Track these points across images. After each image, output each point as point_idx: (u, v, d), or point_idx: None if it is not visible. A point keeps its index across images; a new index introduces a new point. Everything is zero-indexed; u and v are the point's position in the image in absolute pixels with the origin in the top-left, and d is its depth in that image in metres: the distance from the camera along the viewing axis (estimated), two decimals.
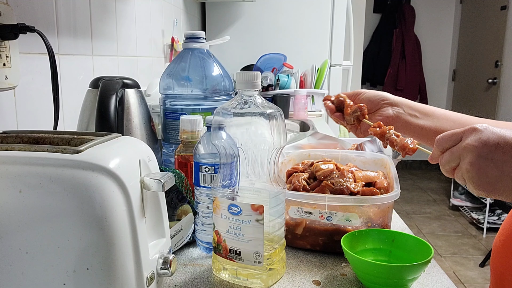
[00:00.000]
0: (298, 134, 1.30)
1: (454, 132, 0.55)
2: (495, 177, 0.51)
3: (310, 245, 0.73)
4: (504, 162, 0.50)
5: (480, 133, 0.52)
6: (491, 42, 4.18)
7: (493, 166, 0.51)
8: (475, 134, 0.52)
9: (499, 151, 0.51)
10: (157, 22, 1.57)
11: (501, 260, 0.73)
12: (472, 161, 0.52)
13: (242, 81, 0.60)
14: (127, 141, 0.52)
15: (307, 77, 1.92)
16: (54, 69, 0.73)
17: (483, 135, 0.52)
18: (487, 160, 0.51)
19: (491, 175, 0.51)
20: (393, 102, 0.77)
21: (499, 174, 0.51)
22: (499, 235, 0.75)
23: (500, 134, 0.51)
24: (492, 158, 0.51)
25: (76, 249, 0.42)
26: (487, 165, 0.51)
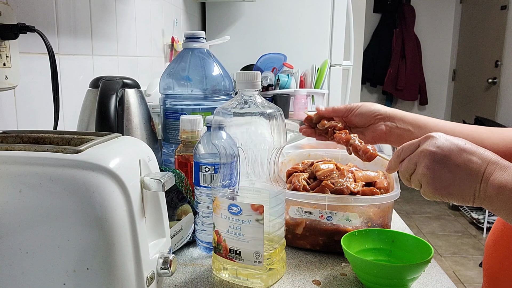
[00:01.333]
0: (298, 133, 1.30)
1: (412, 142, 0.60)
2: (448, 180, 0.55)
3: (310, 245, 0.73)
4: (456, 166, 0.54)
5: (435, 139, 0.57)
6: (491, 42, 4.18)
7: (447, 170, 0.55)
8: (431, 140, 0.57)
9: (452, 156, 0.55)
10: (157, 22, 1.57)
11: (493, 259, 0.74)
12: (428, 165, 0.56)
13: (242, 81, 0.60)
14: (127, 141, 0.52)
15: (307, 77, 1.92)
16: (54, 69, 0.72)
17: (438, 141, 0.56)
18: (442, 165, 0.55)
19: (445, 179, 0.55)
20: (385, 116, 0.78)
21: (452, 177, 0.54)
22: (491, 234, 0.76)
23: (454, 141, 0.56)
24: (446, 163, 0.55)
25: (76, 249, 0.42)
26: (442, 169, 0.55)
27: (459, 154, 0.55)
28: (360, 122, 0.78)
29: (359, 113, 0.79)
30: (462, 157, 0.54)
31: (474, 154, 0.54)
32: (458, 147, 0.55)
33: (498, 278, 0.72)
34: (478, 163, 0.54)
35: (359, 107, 0.79)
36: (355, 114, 0.79)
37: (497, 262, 0.73)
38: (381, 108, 0.79)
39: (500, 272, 0.72)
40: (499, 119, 3.97)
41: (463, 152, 0.55)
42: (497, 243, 0.73)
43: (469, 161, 0.54)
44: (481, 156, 0.54)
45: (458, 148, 0.55)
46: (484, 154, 0.54)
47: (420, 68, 4.88)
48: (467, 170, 0.54)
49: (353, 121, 0.79)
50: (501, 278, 0.71)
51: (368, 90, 5.07)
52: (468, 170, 0.54)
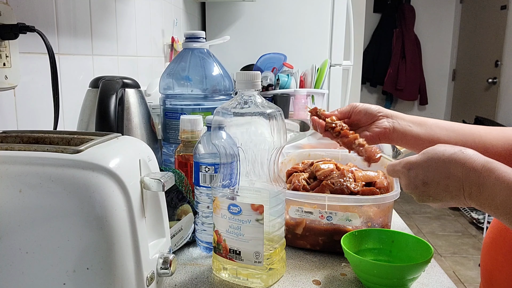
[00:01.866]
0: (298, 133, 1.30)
1: (393, 170, 0.63)
2: (439, 204, 0.60)
3: (310, 245, 0.73)
4: (437, 194, 0.58)
5: (406, 177, 0.60)
6: (491, 41, 4.18)
7: (432, 199, 0.59)
8: (404, 179, 0.61)
9: (430, 188, 0.58)
10: (157, 22, 1.57)
11: (490, 258, 0.74)
12: (416, 198, 0.61)
13: (242, 80, 0.60)
14: (127, 140, 0.52)
15: (307, 76, 1.92)
16: (54, 69, 0.72)
17: (410, 178, 0.60)
18: (425, 197, 0.59)
19: (436, 204, 0.60)
20: (388, 114, 0.79)
21: (440, 203, 0.59)
22: (488, 233, 0.76)
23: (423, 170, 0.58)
24: (428, 195, 0.59)
25: (76, 249, 0.42)
26: (428, 199, 0.59)
27: (436, 184, 0.57)
28: (363, 118, 0.78)
29: (363, 109, 0.79)
30: (439, 186, 0.57)
31: (448, 177, 0.56)
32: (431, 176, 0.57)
33: (494, 276, 0.72)
34: (455, 186, 0.56)
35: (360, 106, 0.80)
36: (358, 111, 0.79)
37: (492, 260, 0.73)
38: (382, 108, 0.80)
39: (496, 270, 0.72)
40: (499, 119, 3.96)
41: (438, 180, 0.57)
42: (493, 242, 0.74)
43: (446, 187, 0.56)
44: (455, 178, 0.56)
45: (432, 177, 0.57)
46: (457, 173, 0.56)
47: (420, 68, 4.88)
48: (449, 195, 0.57)
49: (357, 119, 0.79)
50: (497, 276, 0.71)
51: (368, 90, 5.07)
52: (450, 195, 0.57)
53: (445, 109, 5.09)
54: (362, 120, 0.78)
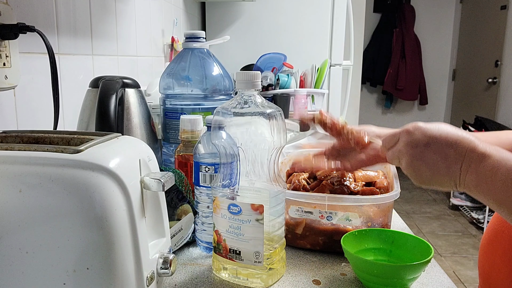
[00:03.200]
0: (298, 133, 1.30)
1: (393, 134, 0.61)
2: (428, 175, 0.56)
3: (310, 244, 0.73)
4: (434, 161, 0.55)
5: (411, 135, 0.57)
6: (491, 41, 4.18)
7: (425, 166, 0.56)
8: (407, 136, 0.57)
9: (429, 152, 0.55)
10: (157, 22, 1.57)
11: (487, 258, 0.74)
12: (408, 162, 0.57)
13: (242, 80, 0.60)
14: (127, 140, 0.52)
15: (307, 76, 1.92)
16: (54, 69, 0.72)
17: (414, 137, 0.57)
18: (420, 161, 0.56)
19: (425, 174, 0.56)
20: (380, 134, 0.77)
21: (431, 173, 0.56)
22: (485, 234, 0.76)
23: (430, 134, 0.56)
24: (423, 159, 0.56)
25: (76, 248, 0.42)
26: (420, 165, 0.56)
27: (436, 148, 0.55)
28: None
29: None
30: (439, 151, 0.55)
31: (452, 145, 0.54)
32: (435, 140, 0.55)
33: (491, 277, 0.72)
34: (455, 156, 0.54)
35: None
36: None
37: (489, 262, 0.73)
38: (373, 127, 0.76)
39: (493, 271, 0.72)
40: (499, 119, 3.97)
41: (440, 145, 0.55)
42: (490, 244, 0.74)
43: (446, 155, 0.54)
44: (459, 147, 0.54)
45: (435, 142, 0.55)
46: (462, 144, 0.54)
47: (420, 68, 4.88)
48: (445, 164, 0.54)
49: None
50: (494, 278, 0.71)
51: (368, 90, 5.07)
52: (446, 165, 0.54)
53: (445, 109, 5.09)
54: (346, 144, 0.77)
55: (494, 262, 0.71)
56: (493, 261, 0.72)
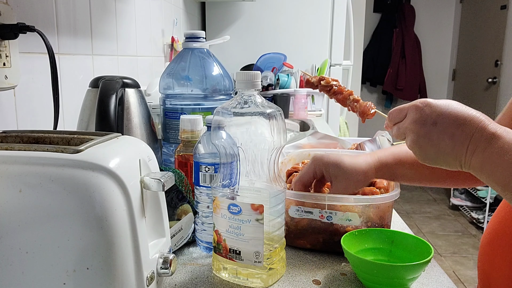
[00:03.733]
0: (298, 133, 1.30)
1: (401, 108, 0.59)
2: (433, 154, 0.55)
3: (310, 244, 0.73)
4: (440, 140, 0.53)
5: (420, 111, 0.55)
6: (491, 41, 4.18)
7: (431, 144, 0.54)
8: (416, 113, 0.56)
9: (436, 130, 0.54)
10: (157, 22, 1.57)
11: (487, 259, 0.74)
12: (413, 139, 0.56)
13: (242, 80, 0.60)
14: (127, 140, 0.52)
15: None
16: (54, 69, 0.72)
17: (422, 113, 0.55)
18: (426, 139, 0.54)
19: (430, 152, 0.55)
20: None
21: (436, 151, 0.54)
22: (485, 234, 0.76)
23: (439, 111, 0.54)
24: (430, 137, 0.54)
25: (76, 248, 0.42)
26: (426, 143, 0.54)
27: (444, 127, 0.54)
28: None
29: None
30: (446, 131, 0.53)
31: (460, 126, 0.53)
32: (443, 117, 0.54)
33: (491, 277, 0.72)
34: (462, 137, 0.52)
35: None
36: None
37: (489, 262, 0.73)
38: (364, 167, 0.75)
39: (493, 272, 0.72)
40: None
41: (448, 124, 0.53)
42: (490, 244, 0.74)
43: (453, 135, 0.53)
44: (467, 126, 0.53)
45: (444, 120, 0.54)
46: (471, 123, 0.53)
47: (420, 67, 4.88)
48: (451, 145, 0.53)
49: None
50: (494, 277, 0.71)
51: (368, 90, 5.07)
52: (452, 145, 0.53)
53: None
54: None
55: (494, 262, 0.71)
56: (493, 261, 0.72)
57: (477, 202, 3.61)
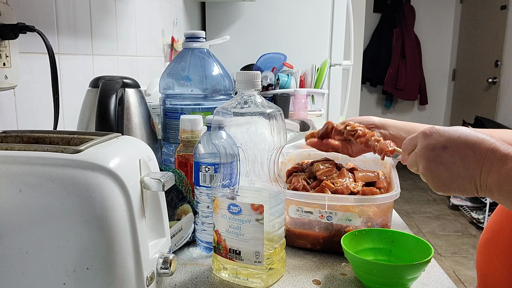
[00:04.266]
0: (298, 133, 1.30)
1: (412, 137, 0.59)
2: (447, 178, 0.54)
3: (310, 244, 0.73)
4: (452, 163, 0.53)
5: (429, 138, 0.56)
6: (491, 41, 4.18)
7: (443, 168, 0.54)
8: (425, 139, 0.56)
9: (447, 154, 0.54)
10: (157, 22, 1.57)
11: (485, 258, 0.74)
12: (424, 166, 0.56)
13: (242, 80, 0.60)
14: (127, 140, 0.52)
15: (307, 76, 1.92)
16: (54, 69, 0.72)
17: (431, 140, 0.55)
18: (437, 163, 0.54)
19: (443, 177, 0.54)
20: (379, 125, 0.82)
21: (449, 175, 0.54)
22: (483, 233, 0.76)
23: (448, 136, 0.54)
24: (441, 161, 0.54)
25: (76, 248, 0.42)
26: (438, 168, 0.54)
27: (455, 150, 0.53)
28: None
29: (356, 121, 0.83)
30: (458, 153, 0.53)
31: (471, 147, 0.52)
32: (453, 141, 0.53)
33: (489, 277, 0.72)
34: (475, 157, 0.52)
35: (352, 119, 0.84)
36: None
37: (487, 262, 0.73)
38: (374, 119, 0.83)
39: (491, 272, 0.72)
40: (499, 119, 3.97)
41: (458, 147, 0.53)
42: (487, 244, 0.74)
43: (465, 156, 0.52)
44: (479, 148, 0.52)
45: (453, 143, 0.53)
46: (482, 146, 0.52)
47: (420, 67, 4.88)
48: (464, 166, 0.52)
49: None
50: (492, 276, 0.71)
51: (368, 90, 5.07)
52: (465, 166, 0.52)
53: (445, 109, 5.09)
54: None
55: (492, 261, 0.71)
56: (491, 261, 0.72)
57: (477, 202, 3.61)
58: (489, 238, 0.73)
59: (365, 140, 0.77)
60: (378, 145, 0.74)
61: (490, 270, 0.72)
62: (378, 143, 0.75)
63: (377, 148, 0.75)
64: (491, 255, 0.72)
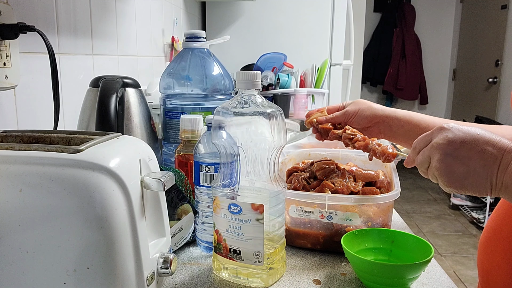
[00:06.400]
0: (298, 133, 1.30)
1: (426, 134, 0.58)
2: (462, 173, 0.53)
3: (310, 244, 0.73)
4: (469, 158, 0.52)
5: (447, 131, 0.55)
6: (491, 41, 4.17)
7: (460, 163, 0.53)
8: (442, 133, 0.55)
9: (464, 148, 0.52)
10: (157, 22, 1.57)
11: (486, 257, 0.74)
12: (440, 158, 0.54)
13: (242, 80, 0.60)
14: (127, 140, 0.52)
15: (307, 76, 1.92)
16: (54, 69, 0.72)
17: (449, 133, 0.54)
18: (454, 158, 0.53)
19: (458, 172, 0.53)
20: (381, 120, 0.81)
21: (465, 170, 0.52)
22: (484, 232, 0.76)
23: (466, 131, 0.54)
24: (458, 155, 0.53)
25: (76, 248, 0.42)
26: (454, 162, 0.53)
27: (473, 145, 0.52)
28: (356, 126, 0.82)
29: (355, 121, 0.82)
30: (475, 148, 0.52)
31: (488, 143, 0.52)
32: (471, 137, 0.53)
33: (491, 276, 0.72)
34: (493, 153, 0.51)
35: (356, 114, 0.81)
36: (352, 122, 0.82)
37: (489, 260, 0.73)
38: (376, 111, 0.81)
39: (493, 270, 0.72)
40: (499, 118, 3.96)
41: (476, 142, 0.52)
42: (489, 242, 0.74)
43: (483, 151, 0.51)
44: (497, 145, 0.51)
45: (472, 138, 0.52)
46: (500, 143, 0.52)
47: (420, 67, 4.88)
48: (482, 162, 0.51)
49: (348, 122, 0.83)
50: (494, 276, 0.71)
51: (368, 90, 5.07)
52: (483, 162, 0.51)
53: (445, 109, 5.09)
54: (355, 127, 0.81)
55: (494, 260, 0.71)
56: (492, 259, 0.72)
57: (477, 201, 3.61)
58: (491, 236, 0.73)
59: (365, 144, 0.75)
60: (379, 149, 0.73)
61: (491, 268, 0.72)
62: (380, 146, 0.74)
63: (378, 151, 0.73)
64: (493, 253, 0.72)
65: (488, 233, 0.74)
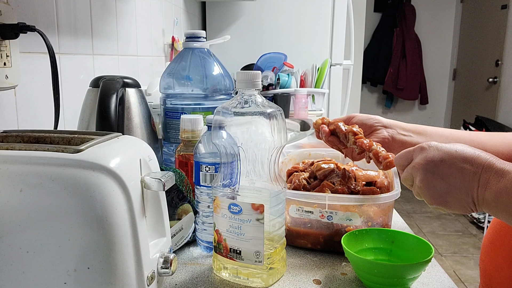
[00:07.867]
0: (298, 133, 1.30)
1: (407, 151, 0.60)
2: (443, 189, 0.55)
3: (310, 244, 0.73)
4: (449, 175, 0.54)
5: (426, 151, 0.57)
6: (491, 41, 4.17)
7: (440, 179, 0.55)
8: (422, 153, 0.57)
9: (444, 166, 0.54)
10: (157, 22, 1.57)
11: (489, 258, 0.74)
12: (421, 178, 0.56)
13: (242, 80, 0.60)
14: (128, 140, 0.52)
15: (307, 76, 1.92)
16: (55, 69, 0.73)
17: (429, 153, 0.56)
18: (434, 175, 0.55)
19: (440, 188, 0.55)
20: (386, 124, 0.80)
21: (446, 186, 0.54)
22: (487, 233, 0.76)
23: (445, 149, 0.56)
24: (438, 173, 0.55)
25: (76, 248, 0.42)
26: (435, 179, 0.55)
27: (451, 163, 0.54)
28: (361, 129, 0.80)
29: (360, 120, 0.81)
30: (454, 165, 0.54)
31: (466, 161, 0.54)
32: (449, 155, 0.55)
33: (493, 276, 0.72)
34: (471, 170, 0.53)
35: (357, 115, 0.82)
36: (355, 122, 0.81)
37: (492, 262, 0.73)
38: (381, 118, 0.81)
39: (495, 272, 0.72)
40: (499, 118, 3.96)
41: (455, 159, 0.54)
42: (492, 244, 0.74)
43: (462, 169, 0.53)
44: (475, 162, 0.53)
45: (450, 156, 0.55)
46: (478, 160, 0.53)
47: (421, 67, 4.87)
48: (461, 178, 0.53)
49: None
50: (496, 277, 0.71)
51: (369, 90, 5.07)
52: (462, 178, 0.53)
53: (445, 109, 5.08)
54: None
55: (497, 262, 0.71)
56: (496, 261, 0.72)
57: None
58: (494, 238, 0.73)
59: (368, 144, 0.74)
60: (383, 153, 0.73)
61: (495, 269, 0.72)
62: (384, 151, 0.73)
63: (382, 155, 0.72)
64: (496, 255, 0.72)
65: (491, 235, 0.74)
